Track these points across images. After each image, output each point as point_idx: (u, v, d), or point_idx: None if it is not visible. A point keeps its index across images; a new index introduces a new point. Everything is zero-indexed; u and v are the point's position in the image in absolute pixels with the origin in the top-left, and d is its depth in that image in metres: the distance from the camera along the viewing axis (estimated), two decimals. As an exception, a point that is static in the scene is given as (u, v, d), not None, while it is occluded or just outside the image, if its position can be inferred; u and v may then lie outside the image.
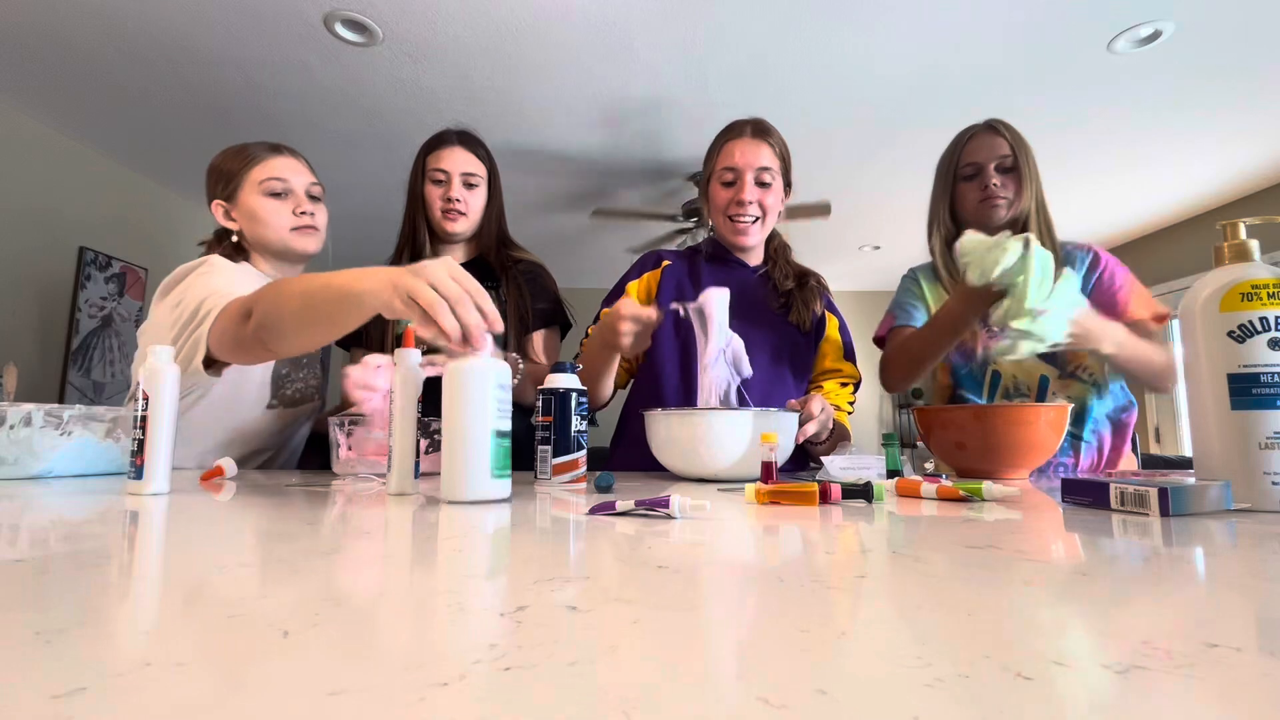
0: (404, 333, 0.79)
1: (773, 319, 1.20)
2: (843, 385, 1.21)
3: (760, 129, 1.18)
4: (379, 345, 1.23)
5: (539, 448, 0.85)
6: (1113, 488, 0.58)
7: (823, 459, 0.92)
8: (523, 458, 1.21)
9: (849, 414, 1.21)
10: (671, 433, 0.90)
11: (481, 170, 1.28)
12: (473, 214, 1.28)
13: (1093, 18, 2.19)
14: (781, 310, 1.21)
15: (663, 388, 1.18)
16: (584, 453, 0.86)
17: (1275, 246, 3.50)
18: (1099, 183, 3.55)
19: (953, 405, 1.04)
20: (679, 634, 0.23)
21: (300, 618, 0.24)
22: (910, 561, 0.36)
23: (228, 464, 0.88)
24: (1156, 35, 2.27)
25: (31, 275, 2.90)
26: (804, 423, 0.96)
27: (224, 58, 2.42)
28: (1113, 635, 0.23)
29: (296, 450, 1.28)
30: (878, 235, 4.55)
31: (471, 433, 0.63)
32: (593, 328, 1.21)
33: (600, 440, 1.64)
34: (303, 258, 1.17)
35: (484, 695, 0.17)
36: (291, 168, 1.15)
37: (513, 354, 1.11)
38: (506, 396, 0.67)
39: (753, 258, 1.25)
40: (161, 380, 0.69)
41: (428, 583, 0.31)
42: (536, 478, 0.85)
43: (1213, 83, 2.58)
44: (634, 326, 0.94)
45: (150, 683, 0.18)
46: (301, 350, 0.83)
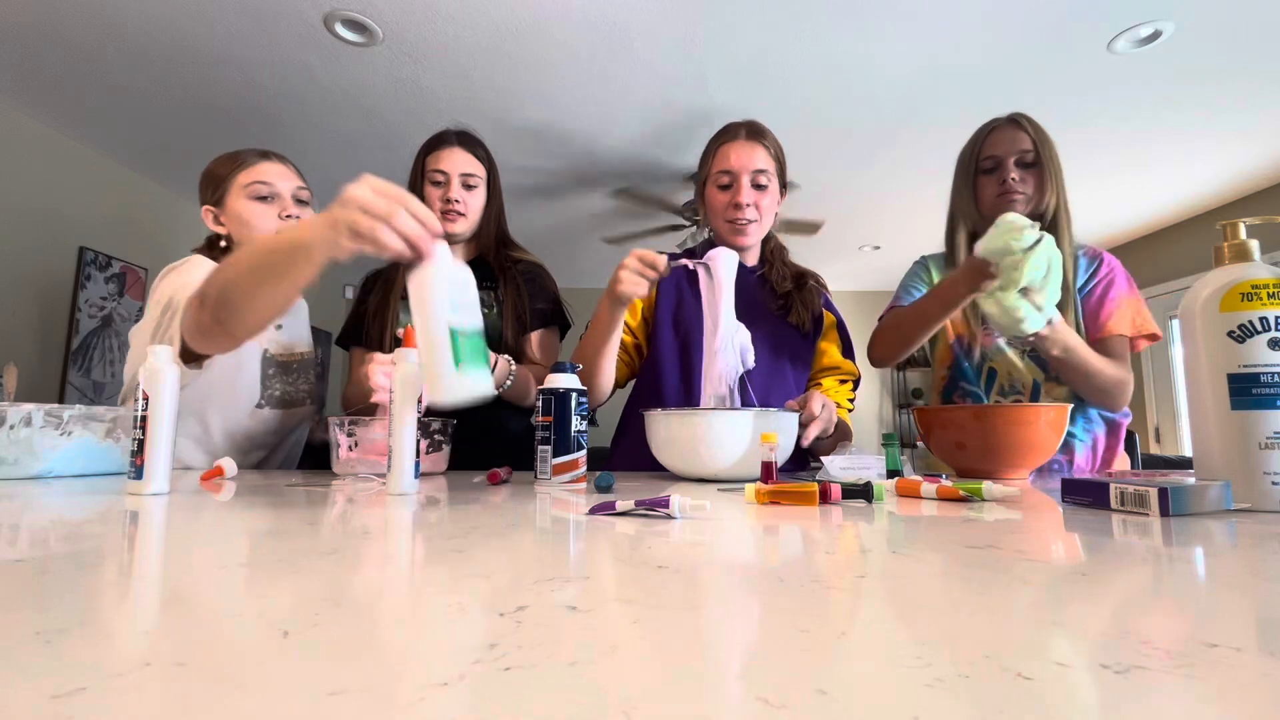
0: (404, 332, 0.79)
1: (772, 319, 1.20)
2: (841, 382, 1.21)
3: (755, 131, 1.18)
4: (378, 345, 1.23)
5: (539, 448, 0.85)
6: (1113, 488, 0.58)
7: (823, 459, 0.92)
8: (523, 458, 1.21)
9: (849, 411, 1.22)
10: (671, 433, 0.90)
11: (480, 171, 1.28)
12: (472, 214, 1.28)
13: (1093, 18, 2.19)
14: (780, 311, 1.21)
15: (663, 387, 1.18)
16: (584, 453, 0.86)
17: (1275, 246, 3.50)
18: (1099, 183, 3.55)
19: (953, 405, 1.04)
20: (679, 634, 0.23)
21: (300, 618, 0.24)
22: (910, 561, 0.36)
23: (228, 464, 0.88)
24: (1156, 35, 2.27)
25: (31, 275, 2.90)
26: (806, 423, 0.96)
27: (224, 58, 2.42)
28: (1113, 635, 0.23)
29: (294, 454, 1.28)
30: (878, 235, 4.55)
31: (430, 335, 0.64)
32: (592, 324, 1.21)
33: (600, 440, 1.64)
34: None
35: (484, 695, 0.17)
36: (278, 172, 1.16)
37: (504, 356, 1.10)
38: (465, 294, 0.67)
39: (749, 259, 1.25)
40: (161, 380, 0.69)
41: (428, 583, 0.31)
42: (536, 477, 0.85)
43: (1213, 83, 2.58)
44: (637, 265, 0.94)
45: (150, 683, 0.18)
46: (257, 323, 0.85)
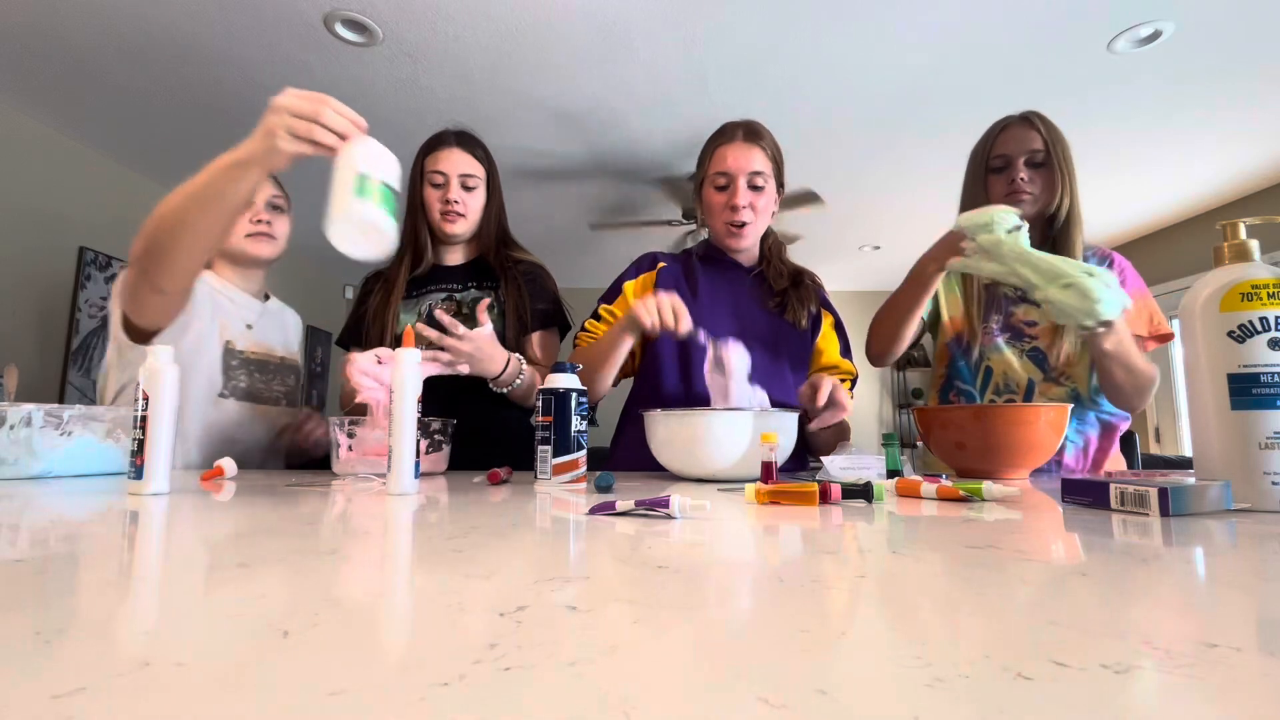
0: (404, 333, 0.79)
1: (769, 318, 1.20)
2: (840, 381, 1.21)
3: (752, 132, 1.19)
4: (378, 346, 1.23)
5: (539, 448, 0.85)
6: (1113, 488, 0.58)
7: (823, 459, 0.92)
8: (523, 458, 1.21)
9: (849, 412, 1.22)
10: (671, 433, 0.90)
11: (480, 171, 1.28)
12: (471, 215, 1.28)
13: (1093, 18, 2.19)
14: (777, 309, 1.21)
15: (662, 387, 1.18)
16: (584, 453, 0.86)
17: (1275, 246, 3.50)
18: (1099, 183, 3.54)
19: (953, 405, 1.04)
20: (679, 634, 0.23)
21: (300, 618, 0.24)
22: (910, 561, 0.36)
23: (228, 464, 0.88)
24: (1156, 35, 2.27)
25: (31, 275, 2.90)
26: (818, 407, 1.00)
27: (224, 58, 2.42)
28: (1113, 635, 0.23)
29: (280, 456, 1.27)
30: (878, 235, 4.55)
31: (339, 173, 0.74)
32: (589, 322, 1.21)
33: (600, 440, 1.64)
34: (256, 262, 1.25)
35: (484, 695, 0.17)
36: None
37: (516, 355, 1.10)
38: (386, 162, 0.76)
39: (747, 259, 1.26)
40: (161, 380, 0.69)
41: (428, 582, 0.31)
42: (536, 477, 0.85)
43: (1213, 83, 2.58)
44: (670, 310, 0.97)
45: (150, 683, 0.18)
46: (188, 264, 0.89)
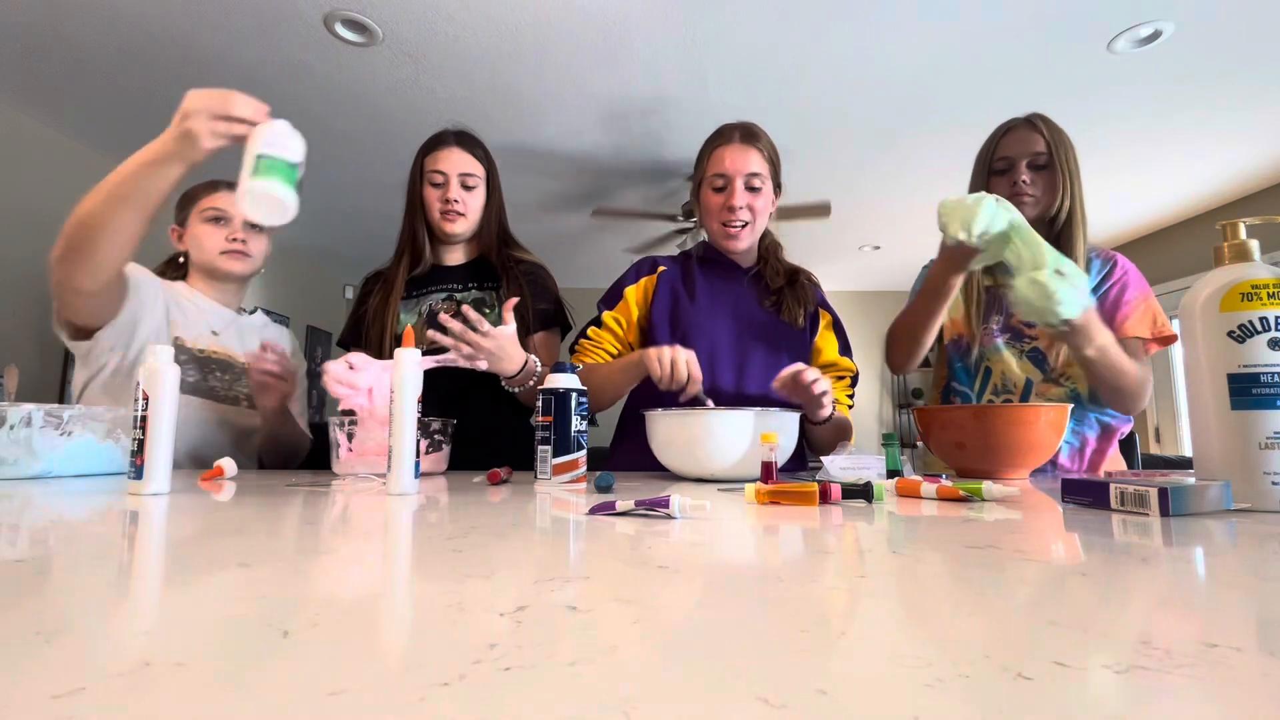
0: (404, 333, 0.79)
1: (766, 317, 1.21)
2: (838, 379, 1.21)
3: (749, 134, 1.19)
4: (378, 346, 1.23)
5: (539, 448, 0.85)
6: (1113, 488, 0.58)
7: (822, 459, 0.92)
8: (523, 458, 1.21)
9: (849, 408, 1.21)
10: (671, 433, 0.90)
11: (479, 170, 1.28)
12: (471, 214, 1.28)
13: (1093, 18, 2.19)
14: (774, 308, 1.22)
15: (662, 394, 1.18)
16: (584, 453, 0.86)
17: (1275, 246, 3.50)
18: (1099, 183, 3.54)
19: (952, 405, 1.04)
20: (679, 634, 0.23)
21: (300, 618, 0.24)
22: (910, 561, 0.36)
23: (228, 464, 0.88)
24: (1156, 35, 2.27)
25: (32, 276, 2.89)
26: (805, 385, 0.97)
27: (224, 58, 2.42)
28: (1113, 635, 0.23)
29: (249, 459, 1.25)
30: (878, 235, 4.55)
31: (244, 158, 0.79)
32: (592, 330, 1.21)
33: (600, 440, 1.64)
34: (229, 277, 1.28)
35: (484, 695, 0.17)
36: (230, 200, 1.25)
37: (533, 356, 1.09)
38: (286, 139, 0.81)
39: (745, 260, 1.27)
40: (161, 380, 0.70)
41: (428, 583, 0.31)
42: (536, 477, 0.85)
43: (1213, 83, 2.58)
44: (681, 364, 0.97)
45: (150, 683, 0.18)
46: (108, 263, 0.91)
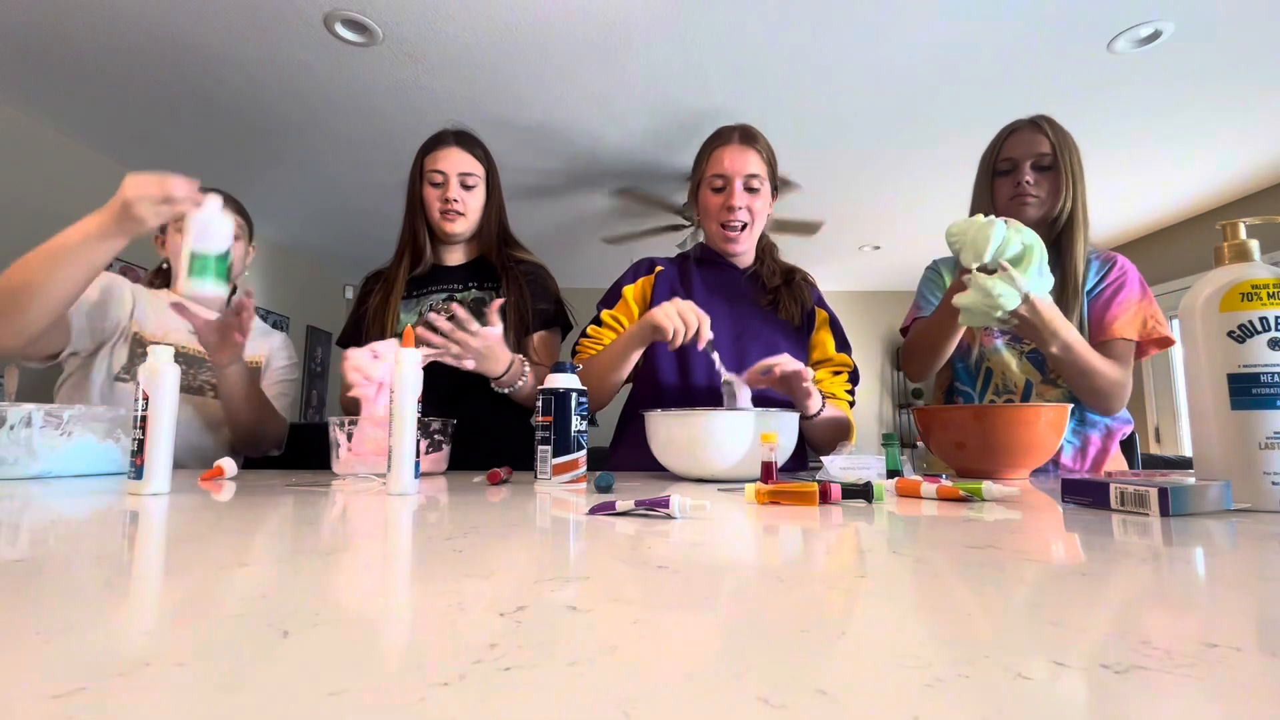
0: (404, 333, 0.79)
1: (763, 315, 1.21)
2: (835, 374, 1.21)
3: (747, 136, 1.20)
4: (378, 345, 1.23)
5: (539, 448, 0.85)
6: (1113, 488, 0.58)
7: (823, 459, 0.92)
8: (523, 458, 1.21)
9: (850, 404, 1.21)
10: (671, 433, 0.90)
11: (479, 170, 1.28)
12: (471, 214, 1.28)
13: (1093, 18, 2.19)
14: (771, 307, 1.23)
15: (661, 387, 1.18)
16: (584, 453, 0.86)
17: (1275, 246, 3.50)
18: (1099, 183, 3.54)
19: (953, 405, 1.04)
20: (679, 634, 0.23)
21: (300, 618, 0.24)
22: (910, 561, 0.36)
23: (228, 464, 0.88)
24: (1156, 35, 2.27)
25: (31, 275, 2.90)
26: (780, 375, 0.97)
27: (224, 58, 2.42)
28: (1113, 635, 0.23)
29: (221, 448, 1.24)
30: (878, 235, 4.55)
31: (180, 253, 0.89)
32: (592, 328, 1.21)
33: (600, 440, 1.64)
34: None
35: (484, 695, 0.17)
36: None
37: (519, 356, 1.10)
38: (216, 228, 0.90)
39: (743, 261, 1.27)
40: (161, 380, 0.70)
41: (428, 582, 0.31)
42: (536, 477, 0.85)
43: (1213, 82, 2.58)
44: (689, 313, 0.97)
45: (150, 683, 0.18)
46: (34, 325, 0.94)
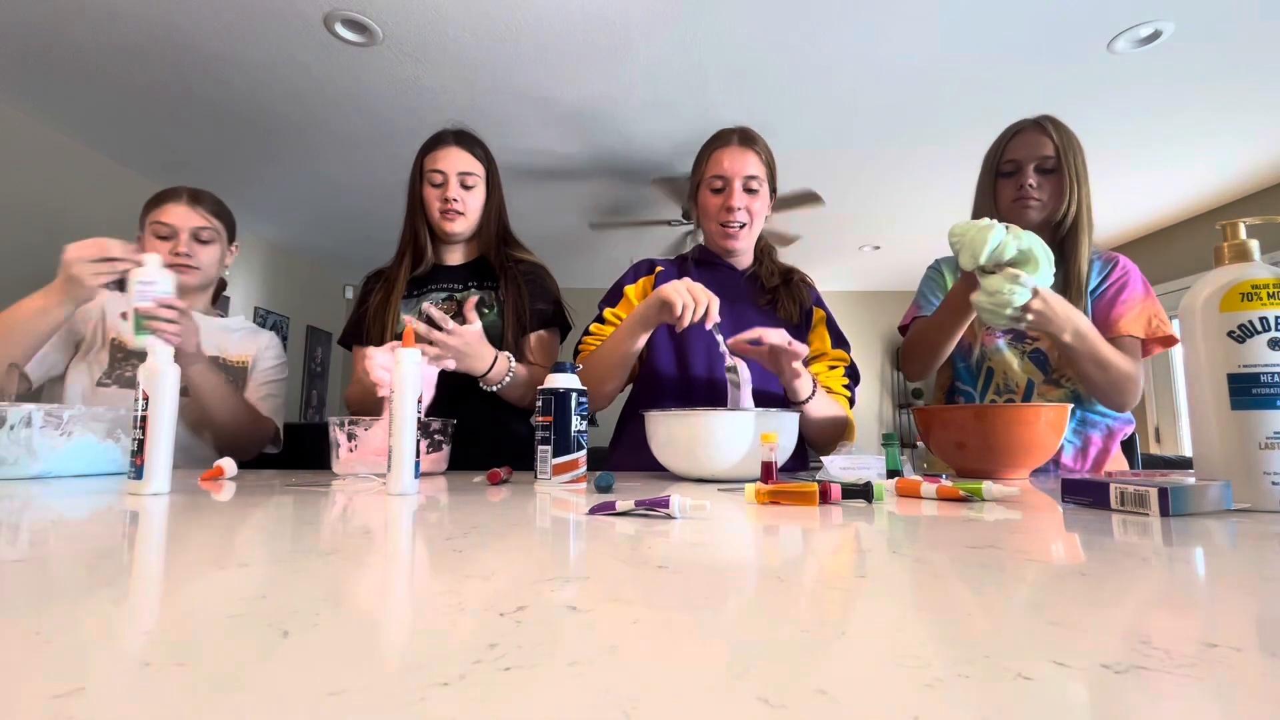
0: (404, 332, 0.79)
1: (762, 316, 1.22)
2: (831, 368, 1.21)
3: (746, 137, 1.20)
4: (379, 345, 1.23)
5: (539, 448, 0.85)
6: (1113, 488, 0.58)
7: (823, 459, 0.92)
8: (523, 458, 1.21)
9: (850, 400, 1.21)
10: (671, 433, 0.90)
11: (479, 169, 1.28)
12: (471, 214, 1.28)
13: (1093, 18, 2.19)
14: (769, 305, 1.24)
15: (661, 387, 1.18)
16: (584, 453, 0.86)
17: (1275, 246, 3.50)
18: (1099, 183, 3.54)
19: (953, 405, 1.04)
20: (679, 634, 0.23)
21: (300, 618, 0.24)
22: (910, 561, 0.36)
23: (227, 464, 0.88)
24: (1156, 35, 2.27)
25: (32, 275, 2.89)
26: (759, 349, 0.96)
27: (224, 57, 2.42)
28: (1113, 635, 0.23)
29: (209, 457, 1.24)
30: (878, 235, 4.55)
31: (128, 311, 0.99)
32: (594, 326, 1.21)
33: (600, 440, 1.64)
34: (183, 287, 1.28)
35: (484, 695, 0.17)
36: (179, 214, 1.29)
37: (505, 353, 1.10)
38: (156, 285, 1.00)
39: (741, 261, 1.28)
40: (161, 380, 0.70)
41: (428, 583, 0.31)
42: (536, 477, 0.85)
43: (1213, 83, 2.58)
44: (707, 300, 0.96)
45: (150, 683, 0.18)
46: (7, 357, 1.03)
